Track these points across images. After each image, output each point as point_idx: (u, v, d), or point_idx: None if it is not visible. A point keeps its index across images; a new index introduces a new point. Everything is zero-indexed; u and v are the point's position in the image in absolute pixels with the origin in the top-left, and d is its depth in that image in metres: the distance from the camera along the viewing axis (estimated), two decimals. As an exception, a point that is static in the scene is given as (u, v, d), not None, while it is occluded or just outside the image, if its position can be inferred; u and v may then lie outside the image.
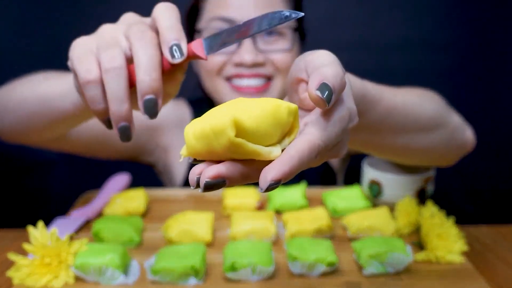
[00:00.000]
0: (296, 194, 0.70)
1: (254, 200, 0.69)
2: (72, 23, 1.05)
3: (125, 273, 0.52)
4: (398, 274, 0.53)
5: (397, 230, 0.61)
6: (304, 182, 0.74)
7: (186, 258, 0.51)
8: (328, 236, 0.61)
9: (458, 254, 0.55)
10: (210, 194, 0.76)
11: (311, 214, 0.62)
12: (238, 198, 0.69)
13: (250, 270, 0.51)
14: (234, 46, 0.76)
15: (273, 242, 0.60)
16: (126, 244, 0.59)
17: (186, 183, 0.86)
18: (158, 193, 0.77)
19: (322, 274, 0.52)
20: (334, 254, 0.52)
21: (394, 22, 1.13)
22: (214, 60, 0.78)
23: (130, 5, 0.47)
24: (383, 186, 0.67)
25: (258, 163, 0.29)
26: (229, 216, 0.68)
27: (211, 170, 0.28)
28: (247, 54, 0.76)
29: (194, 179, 0.29)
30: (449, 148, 0.63)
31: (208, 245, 0.60)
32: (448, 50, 1.15)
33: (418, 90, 0.61)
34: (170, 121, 0.87)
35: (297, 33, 0.81)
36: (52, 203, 1.08)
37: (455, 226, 0.57)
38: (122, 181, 0.79)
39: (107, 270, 0.50)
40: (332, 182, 0.88)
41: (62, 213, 0.70)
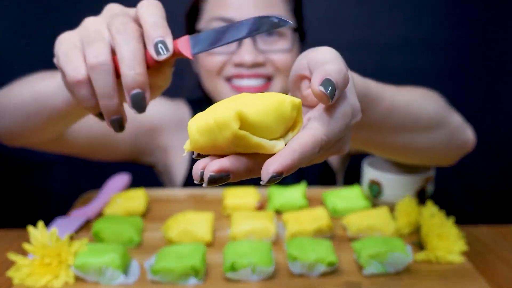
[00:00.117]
0: (296, 194, 0.70)
1: (254, 200, 0.69)
2: (72, 23, 1.05)
3: (125, 273, 0.52)
4: (398, 274, 0.53)
5: (397, 230, 0.61)
6: (304, 182, 0.74)
7: (186, 258, 0.51)
8: (328, 236, 0.61)
9: (458, 254, 0.55)
10: (210, 194, 0.76)
11: (311, 214, 0.62)
12: (238, 198, 0.69)
13: (250, 270, 0.51)
14: (234, 46, 0.76)
15: (273, 242, 0.60)
16: (126, 244, 0.59)
17: (186, 183, 0.86)
18: (158, 193, 0.77)
19: (322, 274, 0.52)
20: (334, 254, 0.52)
21: (394, 22, 1.13)
22: (214, 60, 0.78)
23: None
24: (383, 186, 0.67)
25: (261, 157, 0.29)
26: (229, 216, 0.68)
27: (215, 164, 0.28)
28: (247, 54, 0.76)
29: (197, 173, 0.29)
30: (449, 147, 0.63)
31: (208, 245, 0.60)
32: (448, 50, 1.15)
33: (419, 89, 0.61)
34: (170, 121, 0.87)
35: (297, 33, 0.81)
36: (52, 203, 1.09)
37: (455, 226, 0.57)
38: (122, 181, 0.79)
39: (107, 270, 0.50)
40: (332, 182, 0.88)
41: (62, 213, 0.70)
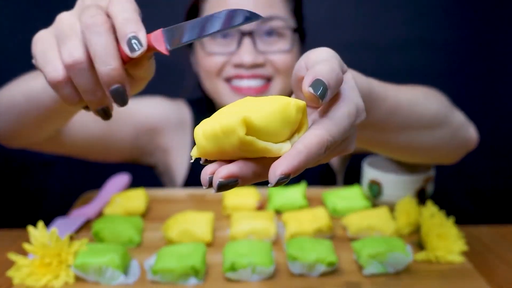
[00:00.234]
0: (296, 194, 0.70)
1: (254, 200, 0.69)
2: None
3: (125, 273, 0.52)
4: (398, 274, 0.53)
5: (397, 230, 0.61)
6: (304, 182, 0.74)
7: (186, 258, 0.51)
8: (328, 236, 0.61)
9: (458, 254, 0.55)
10: (210, 194, 0.76)
11: (311, 214, 0.62)
12: (238, 198, 0.69)
13: (250, 270, 0.51)
14: (234, 47, 0.76)
15: (273, 242, 0.60)
16: (126, 244, 0.59)
17: (186, 184, 0.86)
18: (158, 193, 0.77)
19: (322, 274, 0.52)
20: (334, 254, 0.52)
21: (394, 22, 1.13)
22: (214, 61, 0.78)
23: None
24: (383, 186, 0.67)
25: (269, 161, 0.29)
26: (229, 216, 0.68)
27: (224, 170, 0.28)
28: (247, 55, 0.76)
29: (206, 179, 0.29)
30: (452, 145, 0.63)
31: (208, 245, 0.59)
32: (448, 50, 1.15)
33: (421, 88, 0.61)
34: (170, 121, 0.87)
35: (297, 33, 0.81)
36: (52, 203, 1.08)
37: (455, 226, 0.57)
38: (122, 181, 0.79)
39: (107, 270, 0.50)
40: (332, 182, 0.88)
41: (62, 213, 0.70)
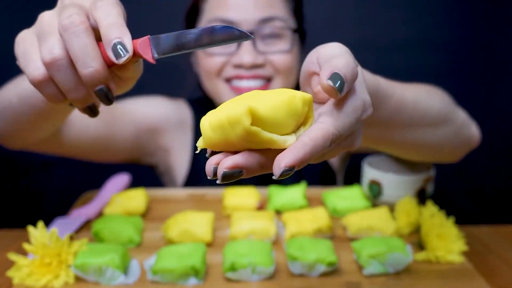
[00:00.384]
0: (296, 194, 0.70)
1: (254, 200, 0.69)
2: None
3: (125, 273, 0.52)
4: (398, 274, 0.53)
5: (397, 230, 0.61)
6: (304, 182, 0.74)
7: (186, 258, 0.51)
8: (328, 236, 0.61)
9: (458, 254, 0.55)
10: (210, 194, 0.76)
11: (311, 214, 0.62)
12: (238, 198, 0.69)
13: (250, 270, 0.51)
14: (234, 47, 0.76)
15: (273, 242, 0.60)
16: (126, 244, 0.59)
17: (187, 184, 0.86)
18: (158, 193, 0.77)
19: (322, 274, 0.52)
20: (334, 254, 0.52)
21: (394, 22, 1.13)
22: (214, 61, 0.78)
23: (131, 4, 0.47)
24: (383, 186, 0.67)
25: (274, 153, 0.29)
26: (229, 216, 0.68)
27: (228, 160, 0.28)
28: (247, 55, 0.76)
29: (211, 169, 0.29)
30: (455, 143, 0.63)
31: (208, 245, 0.60)
32: (448, 50, 1.15)
33: (425, 86, 0.61)
34: (171, 122, 0.87)
35: (297, 34, 0.81)
36: (52, 203, 1.09)
37: (455, 226, 0.57)
38: (122, 181, 0.79)
39: (107, 270, 0.50)
40: (332, 182, 0.88)
41: (62, 213, 0.70)
